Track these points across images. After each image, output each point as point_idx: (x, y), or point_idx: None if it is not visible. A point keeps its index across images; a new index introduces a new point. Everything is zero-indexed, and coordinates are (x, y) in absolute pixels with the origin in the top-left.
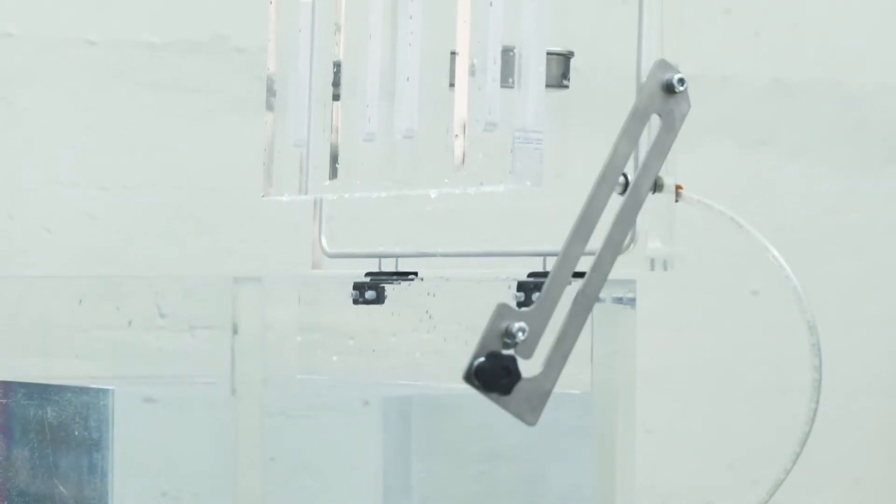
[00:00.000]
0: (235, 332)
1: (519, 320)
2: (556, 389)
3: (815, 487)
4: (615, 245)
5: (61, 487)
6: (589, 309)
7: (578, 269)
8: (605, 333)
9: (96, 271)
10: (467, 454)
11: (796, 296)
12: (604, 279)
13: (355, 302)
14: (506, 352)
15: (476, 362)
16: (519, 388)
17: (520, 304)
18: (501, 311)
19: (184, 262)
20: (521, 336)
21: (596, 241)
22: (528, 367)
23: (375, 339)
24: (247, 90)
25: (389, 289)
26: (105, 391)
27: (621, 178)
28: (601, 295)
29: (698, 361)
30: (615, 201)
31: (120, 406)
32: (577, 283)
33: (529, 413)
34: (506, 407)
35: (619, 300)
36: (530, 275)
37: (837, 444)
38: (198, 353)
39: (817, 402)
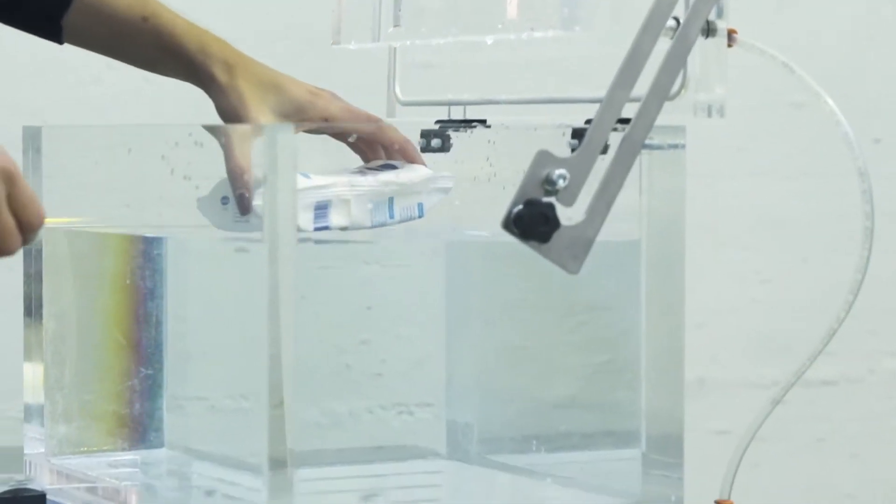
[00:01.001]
0: (263, 181)
1: (560, 167)
2: (603, 237)
3: None
4: (662, 89)
5: (120, 336)
6: (634, 155)
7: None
8: (654, 180)
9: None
10: (524, 299)
11: (847, 143)
12: (650, 125)
13: (423, 150)
14: (546, 199)
15: (514, 210)
16: (559, 236)
17: (574, 151)
18: (541, 157)
19: None
20: (561, 183)
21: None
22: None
23: None
24: None
25: (455, 137)
26: (160, 240)
27: (671, 22)
28: (654, 141)
29: (816, 209)
30: None
31: (190, 254)
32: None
33: (571, 261)
34: (546, 255)
35: (674, 146)
36: (587, 122)
37: None
38: None
39: (869, 249)
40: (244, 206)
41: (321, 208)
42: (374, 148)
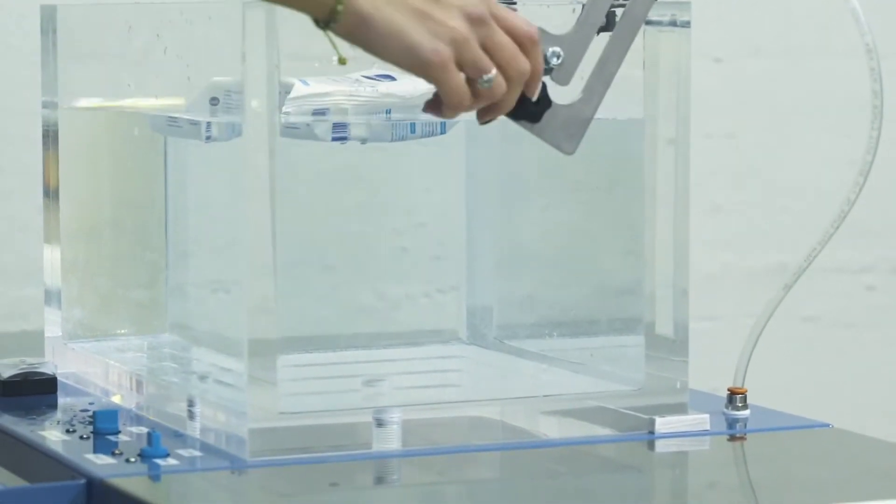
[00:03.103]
0: (243, 60)
1: (553, 45)
2: (603, 115)
3: None
4: None
5: (126, 220)
6: (633, 33)
7: None
8: (656, 58)
9: None
10: (547, 181)
11: (855, 17)
12: (651, 1)
13: None
14: None
15: None
16: (553, 116)
17: None
18: None
19: None
20: (555, 61)
21: None
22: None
23: None
24: None
25: None
26: (159, 119)
27: None
28: (657, 18)
29: None
30: None
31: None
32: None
33: (566, 141)
34: (539, 135)
35: (673, 23)
36: None
37: None
38: None
39: (879, 129)
40: None
41: (319, 114)
42: None
